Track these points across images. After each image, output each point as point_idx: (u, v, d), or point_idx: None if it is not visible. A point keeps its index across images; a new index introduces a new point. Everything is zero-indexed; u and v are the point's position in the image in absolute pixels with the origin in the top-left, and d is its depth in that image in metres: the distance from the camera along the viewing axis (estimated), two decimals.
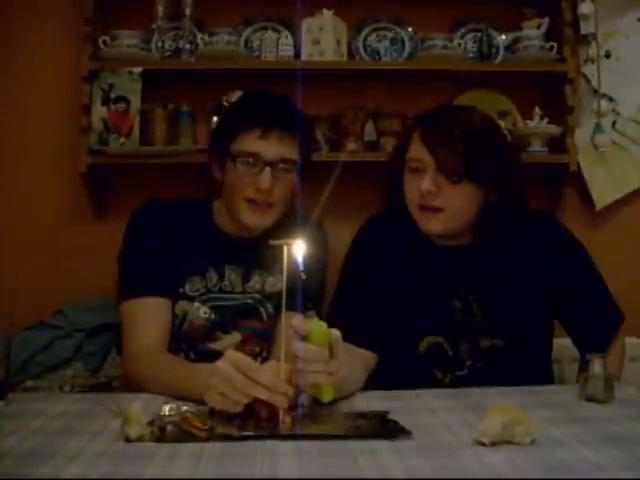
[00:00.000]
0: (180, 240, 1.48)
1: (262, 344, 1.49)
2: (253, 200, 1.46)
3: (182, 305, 1.48)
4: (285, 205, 1.51)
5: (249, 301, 1.53)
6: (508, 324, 1.40)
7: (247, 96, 1.67)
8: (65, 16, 2.18)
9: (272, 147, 1.44)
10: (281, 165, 1.45)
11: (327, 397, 1.05)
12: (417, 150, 1.39)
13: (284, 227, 1.48)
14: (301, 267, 1.03)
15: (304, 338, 1.02)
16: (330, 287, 1.56)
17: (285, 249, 1.02)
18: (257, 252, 1.50)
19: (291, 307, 1.06)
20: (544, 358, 1.49)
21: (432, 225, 1.39)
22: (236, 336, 1.50)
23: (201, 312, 1.49)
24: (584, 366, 1.20)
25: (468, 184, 1.35)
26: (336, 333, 1.07)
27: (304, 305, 1.06)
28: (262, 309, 1.53)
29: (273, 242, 1.07)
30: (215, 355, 1.11)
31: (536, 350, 1.46)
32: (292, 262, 1.03)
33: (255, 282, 1.54)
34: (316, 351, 1.02)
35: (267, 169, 1.44)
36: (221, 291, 1.51)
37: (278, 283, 1.53)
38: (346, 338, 1.11)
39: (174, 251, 1.47)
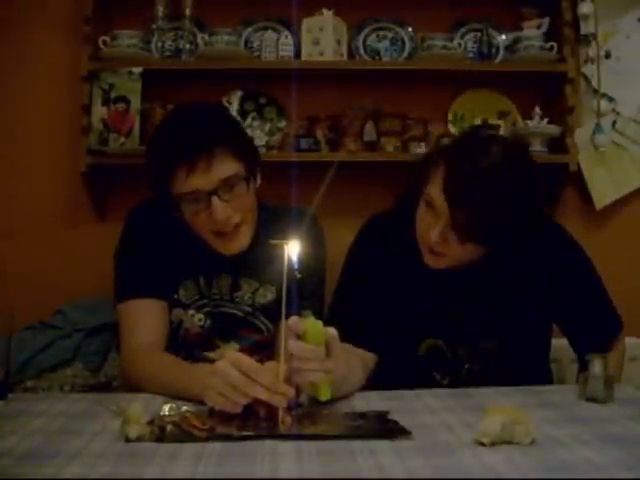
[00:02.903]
0: (175, 242, 1.46)
1: (262, 354, 1.47)
2: (218, 231, 1.39)
3: (177, 313, 1.46)
4: (253, 212, 1.45)
5: (239, 313, 1.49)
6: (507, 327, 1.39)
7: (157, 133, 1.45)
8: (65, 16, 2.18)
9: (205, 177, 1.33)
10: (225, 187, 1.35)
11: (324, 396, 1.05)
12: (436, 194, 1.29)
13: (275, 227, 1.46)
14: (296, 267, 1.02)
15: (300, 337, 1.02)
16: (329, 283, 1.54)
17: (285, 248, 1.02)
18: (244, 260, 1.46)
19: (289, 308, 1.05)
20: (542, 360, 1.49)
21: (436, 264, 1.36)
22: (234, 346, 1.48)
23: (196, 319, 1.47)
24: (584, 366, 1.20)
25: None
26: (332, 332, 1.06)
27: (301, 304, 1.05)
28: (257, 322, 1.50)
29: (273, 242, 1.06)
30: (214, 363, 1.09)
31: (534, 352, 1.45)
32: (290, 262, 1.02)
33: (244, 292, 1.49)
34: (312, 349, 1.02)
35: (214, 199, 1.34)
36: (212, 299, 1.48)
37: (268, 294, 1.49)
38: (346, 338, 1.11)
39: (169, 252, 1.45)
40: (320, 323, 1.04)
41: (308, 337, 1.02)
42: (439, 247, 1.32)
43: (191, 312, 1.48)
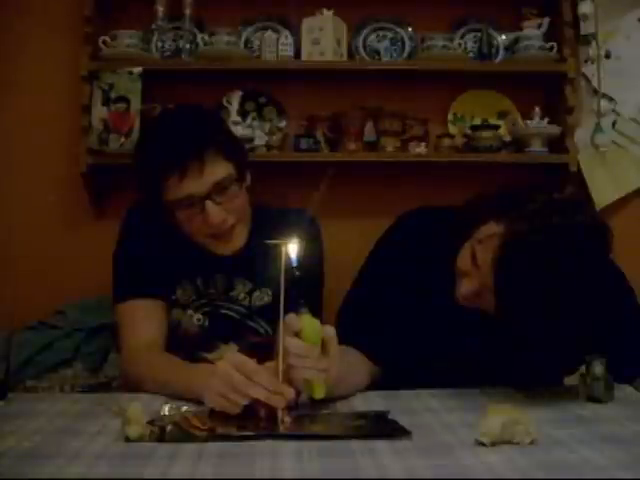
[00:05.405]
0: (172, 242, 1.45)
1: (261, 355, 1.46)
2: (213, 234, 1.40)
3: (175, 313, 1.46)
4: (247, 212, 1.45)
5: (236, 315, 1.49)
6: (531, 362, 1.17)
7: (145, 141, 1.47)
8: (65, 16, 2.18)
9: (198, 181, 1.33)
10: (218, 189, 1.35)
11: (318, 394, 1.04)
12: (485, 257, 1.13)
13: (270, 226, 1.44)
14: (295, 265, 1.02)
15: (297, 335, 1.02)
16: (328, 283, 1.54)
17: (283, 248, 1.01)
18: (239, 261, 1.46)
19: (287, 308, 1.05)
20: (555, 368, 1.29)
21: (465, 304, 1.23)
22: (233, 347, 1.47)
23: (194, 319, 1.47)
24: (584, 366, 1.20)
25: None
26: (330, 330, 1.05)
27: (298, 302, 1.05)
28: (254, 324, 1.49)
29: (269, 242, 1.06)
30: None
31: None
32: (288, 261, 1.02)
33: (238, 292, 1.49)
34: (307, 347, 1.01)
35: (208, 203, 1.34)
36: (210, 299, 1.48)
37: (265, 297, 1.49)
38: (356, 336, 1.07)
39: (166, 252, 1.45)
40: (317, 321, 1.04)
41: (305, 335, 1.02)
42: (471, 298, 1.21)
43: (190, 312, 1.47)
